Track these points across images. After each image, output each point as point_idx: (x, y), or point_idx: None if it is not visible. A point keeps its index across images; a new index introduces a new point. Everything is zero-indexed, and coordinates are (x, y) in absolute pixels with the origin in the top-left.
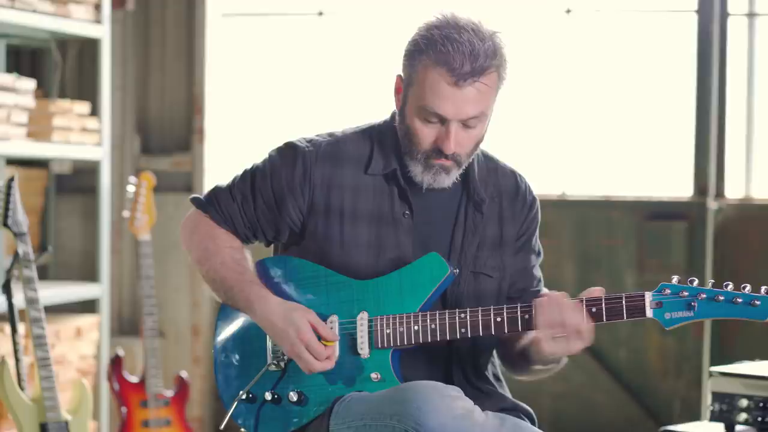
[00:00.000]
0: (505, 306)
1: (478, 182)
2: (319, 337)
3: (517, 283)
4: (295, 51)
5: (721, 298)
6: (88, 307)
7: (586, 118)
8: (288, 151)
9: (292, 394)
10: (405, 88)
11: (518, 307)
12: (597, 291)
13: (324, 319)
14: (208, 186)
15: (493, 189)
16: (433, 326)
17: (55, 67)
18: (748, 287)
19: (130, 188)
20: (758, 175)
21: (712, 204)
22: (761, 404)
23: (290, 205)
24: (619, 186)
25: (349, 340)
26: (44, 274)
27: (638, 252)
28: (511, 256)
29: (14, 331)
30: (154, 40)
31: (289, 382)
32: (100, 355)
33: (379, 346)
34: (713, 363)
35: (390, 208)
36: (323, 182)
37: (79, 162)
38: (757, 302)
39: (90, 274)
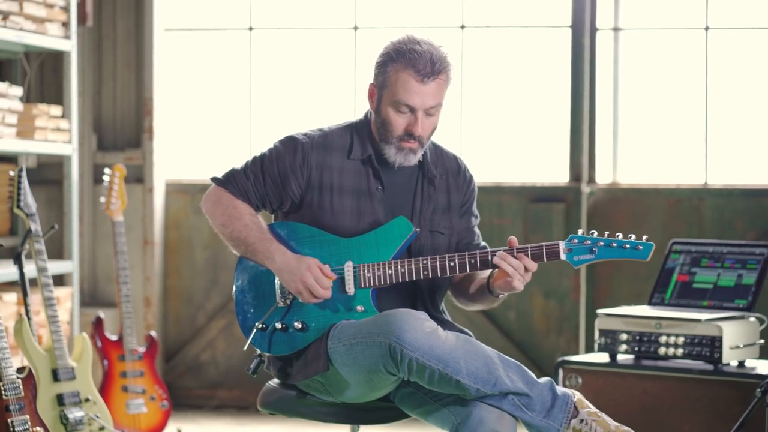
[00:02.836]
0: (456, 254)
1: (431, 164)
2: None
3: (464, 239)
4: (229, 61)
5: (614, 244)
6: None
7: (480, 118)
8: (289, 142)
9: (296, 323)
10: (379, 90)
11: (466, 255)
12: (515, 240)
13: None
14: (157, 178)
15: (441, 168)
16: (402, 270)
17: (24, 75)
18: (633, 236)
19: (106, 178)
20: (623, 164)
21: (585, 188)
22: (637, 337)
23: (293, 183)
24: (507, 174)
25: (339, 282)
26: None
27: (524, 230)
28: (457, 219)
29: (25, 295)
30: (106, 52)
31: (294, 314)
32: (73, 321)
33: (362, 286)
34: (587, 323)
35: (367, 184)
36: (317, 165)
37: (43, 157)
38: (641, 247)
39: (55, 254)
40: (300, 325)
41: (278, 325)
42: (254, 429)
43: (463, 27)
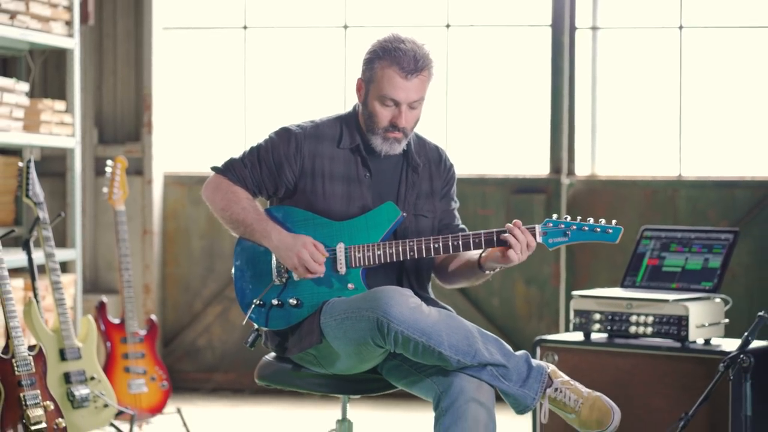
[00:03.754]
0: (440, 236)
1: (414, 153)
2: None
3: (443, 219)
4: (225, 58)
5: (586, 228)
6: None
7: (464, 113)
8: (284, 133)
9: (291, 300)
10: (366, 85)
11: (449, 237)
12: (518, 222)
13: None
14: (155, 169)
15: (424, 158)
16: (390, 251)
17: (28, 72)
18: (603, 220)
19: (108, 169)
20: (601, 157)
21: (565, 180)
22: (609, 317)
23: (287, 170)
24: (490, 166)
25: (331, 262)
26: (18, 243)
27: (506, 219)
28: (439, 202)
29: (33, 279)
30: (107, 50)
31: (289, 291)
32: (76, 307)
33: (353, 265)
34: (567, 308)
35: (356, 172)
36: (310, 154)
37: (46, 150)
38: (610, 230)
39: (59, 243)
40: (295, 302)
41: (275, 302)
42: (249, 410)
43: (448, 26)
